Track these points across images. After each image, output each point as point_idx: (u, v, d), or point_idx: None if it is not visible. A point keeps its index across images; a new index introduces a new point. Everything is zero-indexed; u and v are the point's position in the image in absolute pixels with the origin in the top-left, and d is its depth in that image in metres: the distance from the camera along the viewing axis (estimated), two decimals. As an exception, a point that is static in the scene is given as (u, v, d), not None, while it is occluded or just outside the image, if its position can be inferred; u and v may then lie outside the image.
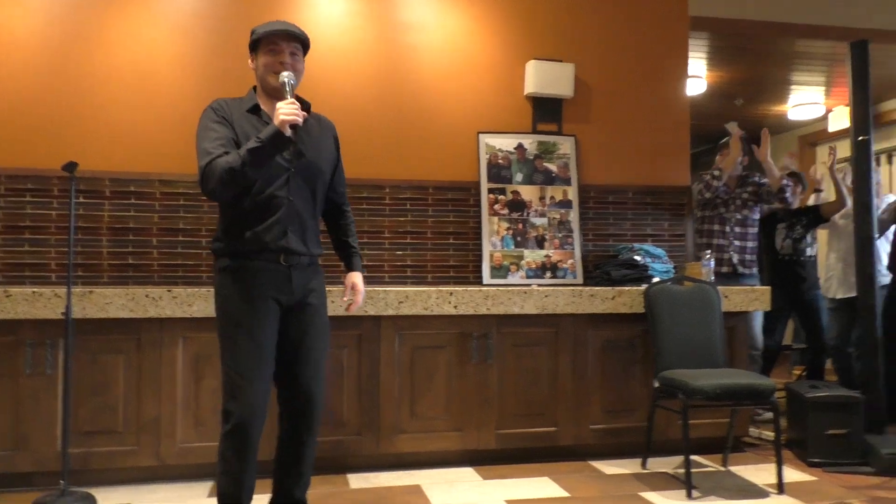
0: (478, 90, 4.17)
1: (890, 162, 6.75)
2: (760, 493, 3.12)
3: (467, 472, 3.35)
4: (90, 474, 3.11)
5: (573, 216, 4.16)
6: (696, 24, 4.54)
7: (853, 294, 4.56)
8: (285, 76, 2.27)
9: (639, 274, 3.83)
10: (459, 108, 4.14)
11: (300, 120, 2.18)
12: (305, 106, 2.43)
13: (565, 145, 4.21)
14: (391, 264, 4.02)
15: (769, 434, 4.01)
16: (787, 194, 4.47)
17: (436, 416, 3.43)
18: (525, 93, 4.19)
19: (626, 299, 3.58)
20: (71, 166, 2.94)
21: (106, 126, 3.75)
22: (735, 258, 4.43)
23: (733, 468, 3.48)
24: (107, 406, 3.13)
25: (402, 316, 3.38)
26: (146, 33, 3.81)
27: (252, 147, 2.17)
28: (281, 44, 2.33)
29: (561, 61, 4.18)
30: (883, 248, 4.79)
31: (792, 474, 3.37)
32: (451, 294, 3.40)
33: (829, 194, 5.18)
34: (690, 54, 4.80)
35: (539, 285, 3.84)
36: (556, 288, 3.57)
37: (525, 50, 4.21)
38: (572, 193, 4.18)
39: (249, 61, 2.43)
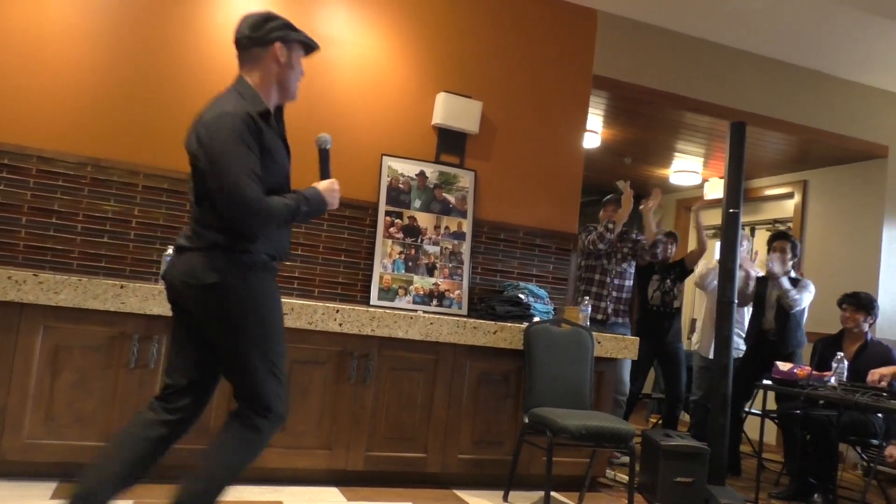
0: (386, 112, 4.20)
1: (752, 235, 7.37)
2: (611, 532, 3.27)
3: (332, 492, 3.30)
4: (-85, 465, 2.83)
5: (465, 248, 4.25)
6: (597, 83, 4.82)
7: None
8: (328, 141, 2.43)
9: (521, 312, 3.95)
10: (366, 127, 4.16)
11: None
12: None
13: (465, 179, 4.32)
14: (279, 275, 3.93)
15: (623, 477, 4.21)
16: (658, 250, 4.84)
17: (306, 433, 3.37)
18: (432, 122, 4.27)
19: (506, 335, 3.69)
20: (-58, 128, 2.72)
21: (-14, 90, 3.49)
22: (610, 308, 4.68)
23: (588, 507, 3.63)
24: (-54, 391, 2.87)
25: (285, 328, 3.30)
26: None
27: (305, 210, 2.25)
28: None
29: (470, 97, 4.30)
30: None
31: (640, 516, 3.56)
32: (337, 311, 3.37)
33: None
34: (590, 110, 5.06)
35: (425, 312, 3.88)
36: (441, 317, 3.62)
37: (436, 81, 4.30)
38: (467, 226, 4.28)
39: (277, 49, 2.22)
